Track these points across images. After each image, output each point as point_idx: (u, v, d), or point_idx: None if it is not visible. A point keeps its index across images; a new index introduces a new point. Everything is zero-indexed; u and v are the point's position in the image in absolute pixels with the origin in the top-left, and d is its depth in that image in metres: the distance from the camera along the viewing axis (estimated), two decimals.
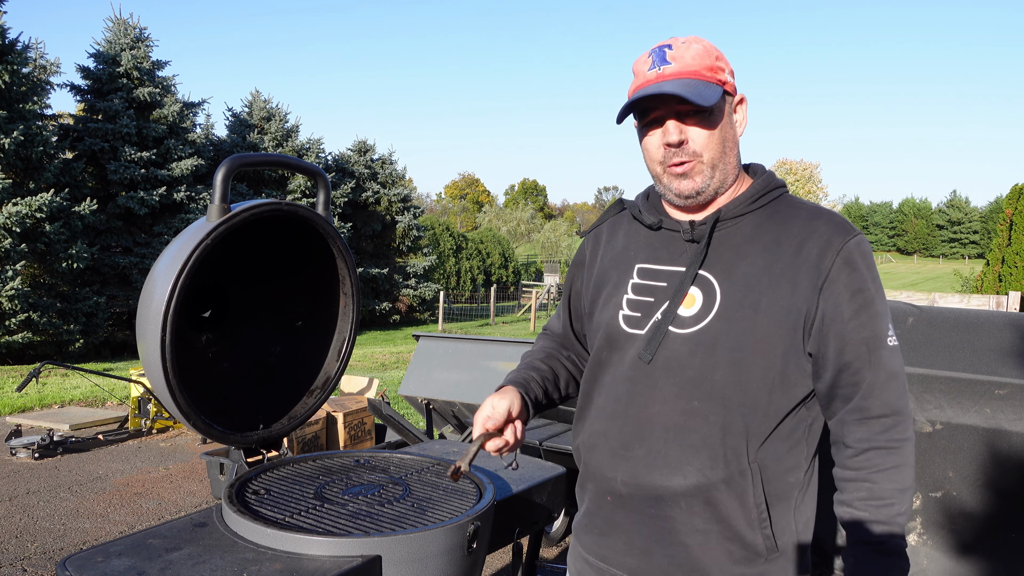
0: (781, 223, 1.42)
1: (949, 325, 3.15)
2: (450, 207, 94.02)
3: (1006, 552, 2.98)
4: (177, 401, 1.84)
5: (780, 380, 1.38)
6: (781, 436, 1.40)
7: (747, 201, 1.43)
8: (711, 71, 1.39)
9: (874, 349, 1.36)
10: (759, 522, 1.38)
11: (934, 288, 31.06)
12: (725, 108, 1.42)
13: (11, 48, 14.51)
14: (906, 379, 1.39)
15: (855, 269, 1.37)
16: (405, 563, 1.61)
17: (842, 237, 1.38)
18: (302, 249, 2.22)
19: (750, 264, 1.39)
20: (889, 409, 1.36)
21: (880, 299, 1.39)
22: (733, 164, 1.45)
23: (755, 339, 1.36)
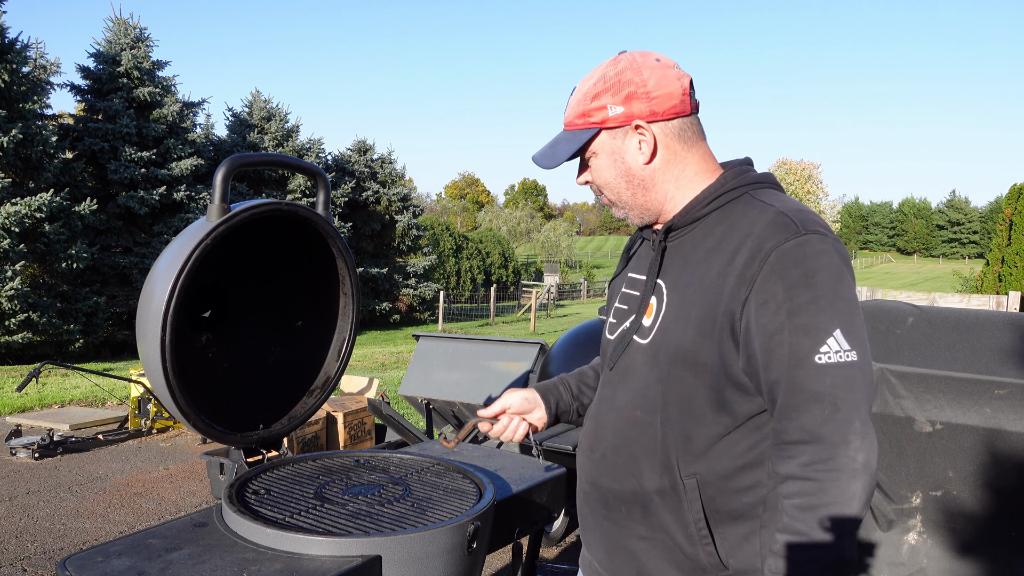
0: (730, 226, 1.33)
1: (949, 325, 3.15)
2: (450, 207, 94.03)
3: (1006, 552, 2.98)
4: (177, 401, 1.84)
5: (715, 396, 1.31)
6: (729, 454, 1.32)
7: (699, 206, 1.38)
8: (583, 116, 1.39)
9: (794, 366, 1.21)
10: (699, 538, 1.35)
11: (934, 288, 31.06)
12: (610, 146, 1.39)
13: (11, 47, 14.51)
14: (849, 402, 1.19)
15: (784, 275, 1.22)
16: (405, 563, 1.61)
17: (776, 239, 1.25)
18: (302, 249, 2.22)
19: (691, 272, 1.35)
20: (807, 435, 1.20)
21: (814, 309, 1.21)
22: (640, 193, 1.41)
23: (686, 351, 1.32)
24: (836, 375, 1.20)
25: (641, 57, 1.38)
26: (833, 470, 1.18)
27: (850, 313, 1.23)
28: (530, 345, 4.55)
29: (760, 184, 1.38)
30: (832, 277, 1.23)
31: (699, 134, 1.42)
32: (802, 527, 1.20)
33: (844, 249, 1.28)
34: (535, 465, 2.37)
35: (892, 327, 3.22)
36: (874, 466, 1.21)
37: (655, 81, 1.36)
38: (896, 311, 3.26)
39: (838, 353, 1.20)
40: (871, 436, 1.21)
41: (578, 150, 1.40)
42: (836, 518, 1.18)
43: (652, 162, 1.39)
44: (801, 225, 1.26)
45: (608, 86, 1.37)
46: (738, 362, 1.28)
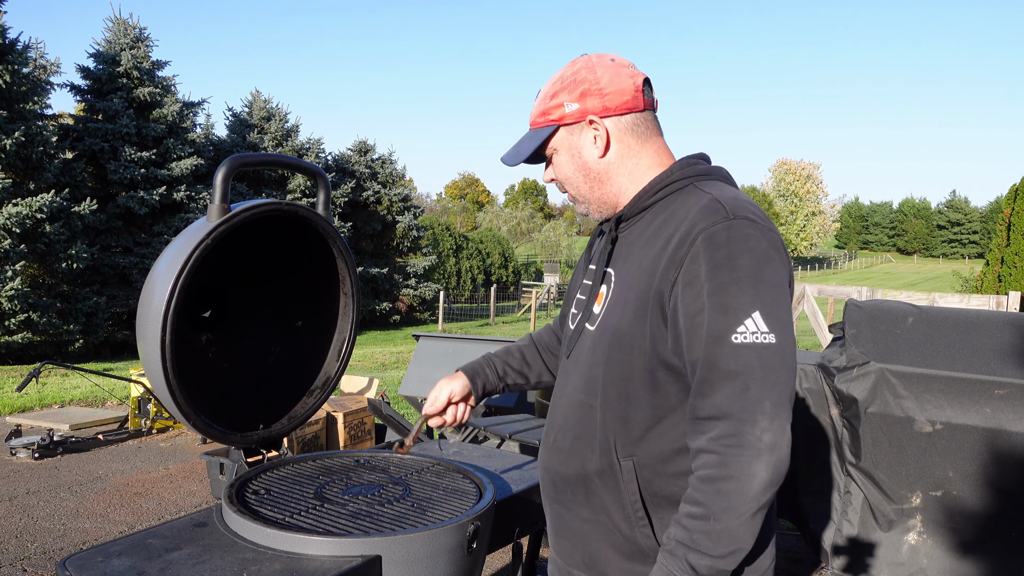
0: (671, 214, 1.37)
1: (949, 325, 3.15)
2: (450, 207, 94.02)
3: (1006, 551, 2.98)
4: (177, 401, 1.84)
5: (650, 379, 1.34)
6: (665, 437, 1.35)
7: (646, 196, 1.43)
8: (543, 115, 1.47)
9: (711, 344, 1.23)
10: (636, 520, 1.38)
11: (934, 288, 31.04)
12: (568, 142, 1.46)
13: (11, 48, 14.50)
14: (762, 381, 1.21)
15: (709, 256, 1.26)
16: (405, 563, 1.61)
17: (704, 223, 1.28)
18: (302, 249, 2.22)
19: (633, 261, 1.40)
20: (717, 411, 1.22)
21: (735, 290, 1.23)
22: (597, 186, 1.47)
23: (623, 334, 1.37)
24: (751, 355, 1.22)
25: (597, 58, 1.46)
26: (737, 446, 1.20)
27: (772, 297, 1.25)
28: None
29: (706, 176, 1.42)
30: (756, 260, 1.26)
31: (654, 130, 1.47)
32: (700, 497, 1.23)
33: (776, 237, 1.31)
34: (535, 465, 2.37)
35: (892, 327, 3.21)
36: (783, 450, 1.21)
37: (608, 79, 1.43)
38: (896, 311, 3.26)
39: (755, 334, 1.22)
40: (782, 419, 1.21)
41: (539, 146, 1.47)
42: (733, 492, 1.20)
43: (606, 155, 1.45)
44: (730, 210, 1.29)
45: (565, 85, 1.45)
46: (668, 343, 1.32)
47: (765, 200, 68.79)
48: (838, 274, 61.33)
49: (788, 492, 3.48)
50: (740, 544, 1.21)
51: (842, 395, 3.19)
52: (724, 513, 1.20)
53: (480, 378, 1.82)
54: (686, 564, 1.22)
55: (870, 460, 3.17)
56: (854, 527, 3.22)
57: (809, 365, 3.40)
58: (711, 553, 1.21)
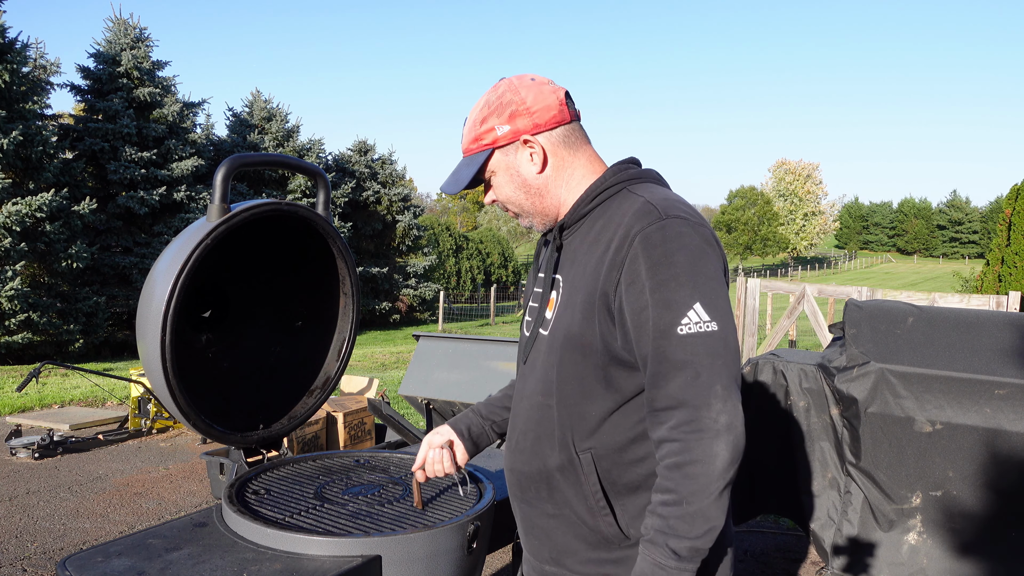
0: (608, 219, 1.44)
1: (949, 325, 3.15)
2: (450, 207, 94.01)
3: (1006, 552, 2.98)
4: (177, 401, 1.84)
5: (602, 375, 1.41)
6: (620, 427, 1.42)
7: (583, 203, 1.49)
8: (476, 141, 1.52)
9: (658, 338, 1.30)
10: (598, 509, 1.44)
11: (934, 288, 31.05)
12: (504, 162, 1.51)
13: (11, 47, 14.50)
14: (710, 367, 1.28)
15: (647, 256, 1.33)
16: (405, 563, 1.61)
17: (639, 225, 1.35)
18: (302, 249, 2.22)
19: (578, 265, 1.46)
20: (673, 401, 1.29)
21: (674, 285, 1.30)
22: (538, 200, 1.52)
23: (572, 336, 1.43)
24: (697, 344, 1.29)
25: (517, 80, 1.52)
26: (696, 431, 1.27)
27: (710, 288, 1.32)
28: None
29: (638, 179, 1.48)
30: (691, 256, 1.32)
31: (583, 139, 1.53)
32: (670, 484, 1.29)
33: (707, 232, 1.38)
34: None
35: (892, 327, 3.21)
36: (739, 428, 1.27)
37: (532, 97, 1.48)
38: (896, 311, 3.26)
39: (698, 324, 1.29)
40: (733, 399, 1.28)
41: (477, 171, 1.52)
42: (700, 475, 1.26)
43: (544, 171, 1.50)
44: (663, 211, 1.36)
45: (492, 109, 1.50)
46: (617, 340, 1.38)
47: (764, 200, 68.80)
48: (838, 274, 61.32)
49: (789, 492, 3.48)
50: (713, 522, 1.27)
51: (842, 395, 3.19)
52: (694, 495, 1.26)
53: (463, 423, 1.81)
54: (667, 550, 1.28)
55: (870, 460, 3.17)
56: (854, 527, 3.22)
57: (809, 365, 3.40)
58: (688, 535, 1.27)
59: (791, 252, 70.22)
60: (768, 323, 10.58)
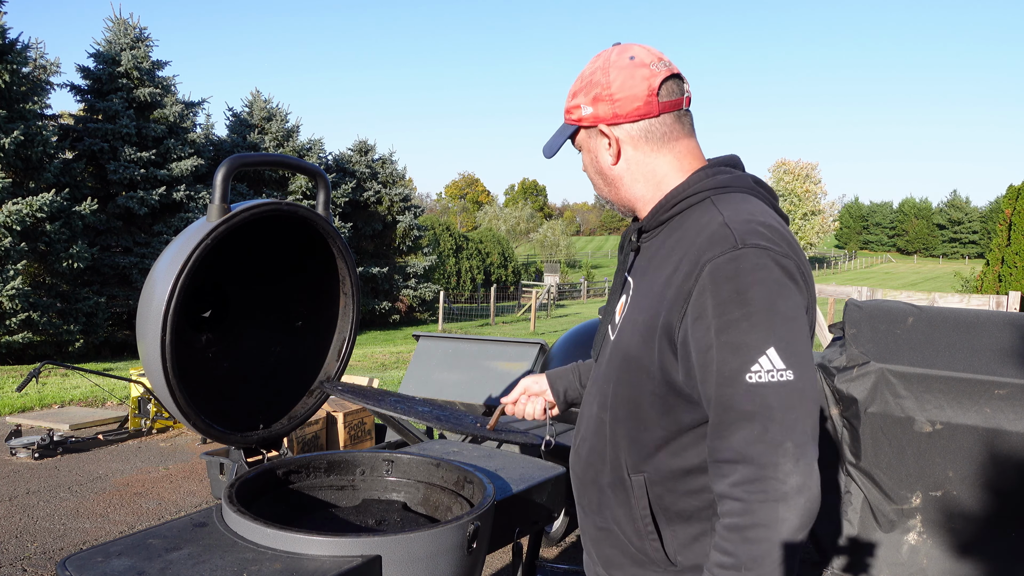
0: (683, 234, 1.32)
1: (949, 325, 3.14)
2: (450, 207, 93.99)
3: (1006, 552, 2.98)
4: (177, 401, 1.84)
5: (660, 403, 1.32)
6: (677, 457, 1.33)
7: (663, 209, 1.38)
8: (569, 112, 1.45)
9: (723, 385, 1.19)
10: (646, 534, 1.38)
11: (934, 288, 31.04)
12: (587, 144, 1.45)
13: (11, 48, 14.50)
14: (782, 422, 1.16)
15: (716, 291, 1.20)
16: (405, 563, 1.61)
17: (711, 253, 1.23)
18: (302, 249, 2.22)
19: (649, 278, 1.37)
20: (736, 455, 1.18)
21: (746, 326, 1.18)
22: (612, 191, 1.46)
23: (632, 356, 1.34)
24: (768, 394, 1.17)
25: (616, 55, 1.39)
26: (760, 491, 1.16)
27: (788, 330, 1.19)
28: (530, 345, 4.54)
29: (726, 188, 1.35)
30: (768, 293, 1.19)
31: (675, 133, 1.39)
32: (728, 547, 1.19)
33: (790, 263, 1.24)
34: (535, 465, 2.37)
35: (892, 327, 3.21)
36: (812, 491, 1.16)
37: (620, 83, 1.37)
38: (896, 311, 3.26)
39: (770, 372, 1.17)
40: (808, 458, 1.17)
41: (564, 142, 1.47)
42: (762, 540, 1.15)
43: (618, 163, 1.42)
44: (739, 239, 1.22)
45: (583, 85, 1.42)
46: (679, 373, 1.28)
47: None
48: (838, 274, 61.32)
49: None
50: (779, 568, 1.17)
51: (842, 395, 3.19)
52: (754, 562, 1.16)
53: (562, 383, 1.81)
54: None
55: (870, 460, 3.17)
56: (854, 527, 3.22)
57: None
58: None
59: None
60: None
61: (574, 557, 4.06)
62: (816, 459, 1.18)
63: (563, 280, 45.54)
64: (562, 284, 41.49)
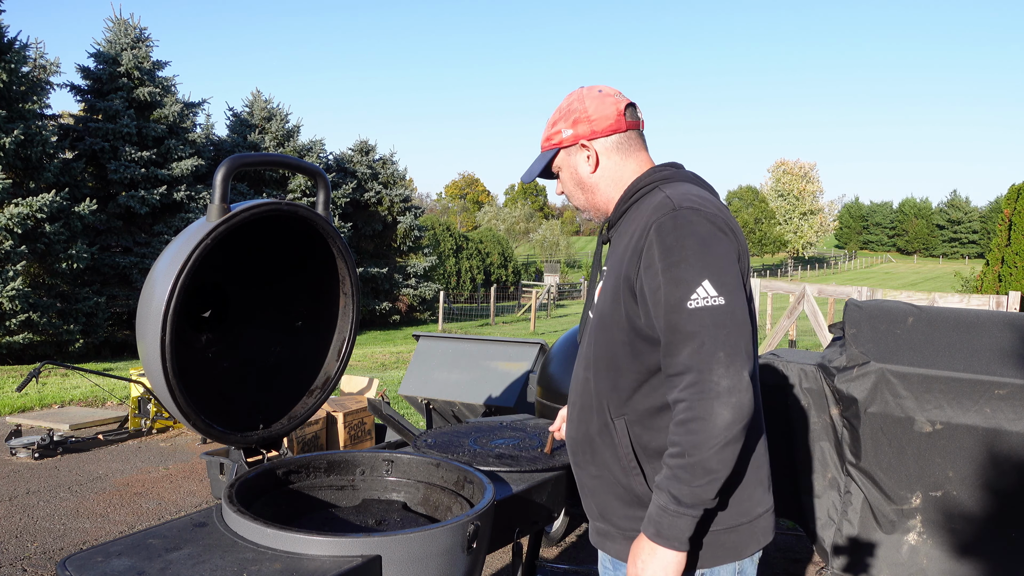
0: (638, 214, 1.63)
1: (949, 325, 3.14)
2: (450, 207, 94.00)
3: (1006, 552, 2.98)
4: (177, 401, 1.84)
5: (630, 350, 1.60)
6: (649, 397, 1.60)
7: (623, 202, 1.71)
8: (547, 140, 1.78)
9: (670, 312, 1.47)
10: (630, 470, 1.63)
11: (934, 288, 31.04)
12: (566, 161, 1.77)
13: (10, 47, 14.50)
14: (714, 337, 1.44)
15: (660, 242, 1.51)
16: (405, 563, 1.61)
17: (655, 216, 1.54)
18: (302, 249, 2.22)
19: (615, 256, 1.67)
20: (682, 367, 1.46)
21: (685, 266, 1.47)
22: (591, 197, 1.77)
23: (604, 316, 1.65)
24: (704, 316, 1.45)
25: (587, 91, 1.75)
26: (698, 392, 1.44)
27: (718, 266, 1.48)
28: (530, 345, 4.54)
29: (670, 179, 1.67)
30: (700, 239, 1.50)
31: (637, 146, 1.74)
32: (675, 439, 1.47)
33: (720, 219, 1.54)
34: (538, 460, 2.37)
35: (892, 327, 3.21)
36: (741, 392, 1.43)
37: (594, 107, 1.72)
38: (896, 311, 3.26)
39: (706, 299, 1.46)
40: (736, 366, 1.43)
41: (545, 166, 1.78)
42: (700, 430, 1.42)
43: (596, 171, 1.74)
44: (677, 203, 1.54)
45: (561, 115, 1.76)
46: (641, 318, 1.56)
47: (760, 199, 68.83)
48: (838, 274, 61.31)
49: (789, 492, 3.48)
50: (714, 474, 1.44)
51: (842, 395, 3.19)
52: (695, 448, 1.43)
53: None
54: (670, 495, 1.46)
55: (870, 460, 3.17)
56: (854, 527, 3.23)
57: (809, 365, 3.40)
58: (690, 484, 1.44)
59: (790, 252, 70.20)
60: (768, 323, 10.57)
61: (574, 557, 4.06)
62: (747, 368, 1.45)
63: (563, 280, 45.55)
64: (562, 284, 41.49)
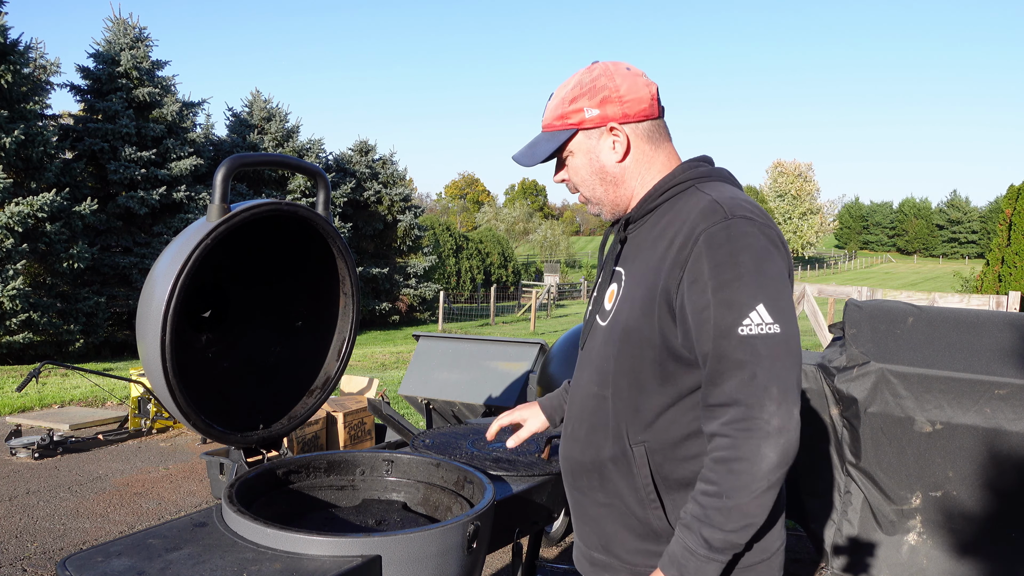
0: (674, 216, 1.45)
1: (949, 325, 3.14)
2: (450, 207, 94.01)
3: (1006, 552, 2.98)
4: (177, 401, 1.84)
5: (660, 370, 1.42)
6: (675, 424, 1.43)
7: (651, 199, 1.51)
8: (561, 118, 1.52)
9: (719, 337, 1.31)
10: (648, 502, 1.46)
11: (934, 288, 31.04)
12: (585, 145, 1.52)
13: (12, 48, 14.50)
14: (769, 369, 1.28)
15: (711, 256, 1.33)
16: (405, 563, 1.61)
17: (705, 224, 1.36)
18: (302, 249, 2.22)
19: (642, 260, 1.48)
20: (728, 399, 1.31)
21: (738, 286, 1.31)
22: (613, 189, 1.54)
23: (632, 329, 1.44)
24: (757, 345, 1.29)
25: (613, 66, 1.52)
26: (746, 429, 1.28)
27: (775, 289, 1.33)
28: (530, 345, 4.54)
29: (708, 177, 1.49)
30: (756, 256, 1.33)
31: (666, 136, 1.54)
32: (713, 477, 1.31)
33: (773, 232, 1.38)
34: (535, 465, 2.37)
35: (892, 327, 3.21)
36: (791, 433, 1.28)
37: (627, 87, 1.49)
38: (896, 311, 3.26)
39: (760, 325, 1.30)
40: (789, 403, 1.29)
41: (556, 149, 1.53)
42: (743, 472, 1.28)
43: (624, 161, 1.52)
44: (729, 210, 1.36)
45: (584, 90, 1.50)
46: (677, 336, 1.39)
47: (760, 199, 68.82)
48: (838, 274, 61.31)
49: (790, 492, 3.48)
50: (751, 520, 1.30)
51: (842, 395, 3.19)
52: (735, 491, 1.28)
53: (559, 413, 1.94)
54: (700, 538, 1.31)
55: (870, 460, 3.17)
56: (854, 527, 3.23)
57: (809, 365, 3.40)
58: (723, 528, 1.29)
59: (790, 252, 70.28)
60: None
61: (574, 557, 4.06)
62: (797, 406, 1.31)
63: (563, 280, 45.54)
64: (562, 284, 41.50)
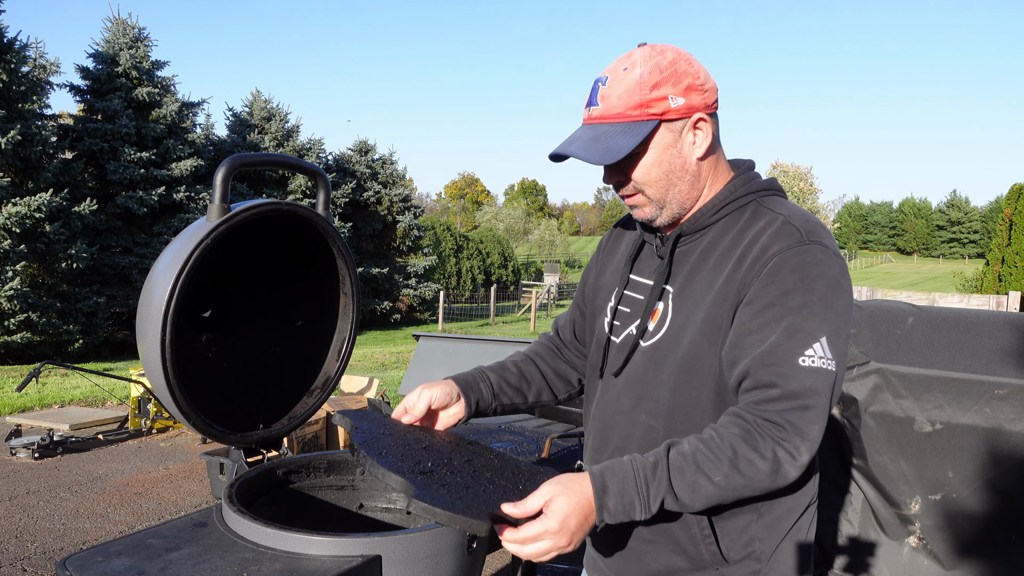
0: (740, 233, 1.35)
1: (949, 325, 3.14)
2: (450, 207, 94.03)
3: (1007, 552, 2.98)
4: (177, 401, 1.84)
5: (719, 399, 1.33)
6: None
7: (709, 213, 1.39)
8: (640, 107, 1.31)
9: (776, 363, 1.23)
10: (703, 539, 1.37)
11: (934, 288, 31.06)
12: (666, 140, 1.33)
13: (10, 47, 14.50)
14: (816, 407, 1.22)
15: (782, 280, 1.25)
16: (405, 563, 1.61)
17: (779, 245, 1.28)
18: (302, 249, 2.22)
19: (700, 280, 1.36)
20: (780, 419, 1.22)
21: (806, 313, 1.23)
22: (687, 189, 1.38)
23: (693, 357, 1.33)
24: (816, 380, 1.23)
25: (682, 50, 1.36)
26: (780, 440, 1.21)
27: (839, 324, 1.27)
28: (529, 345, 4.54)
29: (767, 191, 1.41)
30: (827, 287, 1.26)
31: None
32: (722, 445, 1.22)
33: (844, 264, 1.31)
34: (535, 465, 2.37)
35: (892, 327, 3.21)
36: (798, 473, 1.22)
37: (704, 74, 1.36)
38: (896, 311, 3.26)
39: (821, 359, 1.23)
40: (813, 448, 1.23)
41: (639, 143, 1.31)
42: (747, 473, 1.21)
43: (705, 157, 1.37)
44: (805, 234, 1.29)
45: (666, 76, 1.31)
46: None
47: None
48: None
49: None
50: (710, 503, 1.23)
51: (842, 395, 3.19)
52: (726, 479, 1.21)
53: (474, 393, 1.66)
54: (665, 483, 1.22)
55: (870, 460, 3.17)
56: (854, 527, 3.23)
57: None
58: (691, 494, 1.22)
59: None
60: None
61: (574, 557, 4.06)
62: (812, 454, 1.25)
63: (563, 280, 45.54)
64: (562, 284, 41.48)
